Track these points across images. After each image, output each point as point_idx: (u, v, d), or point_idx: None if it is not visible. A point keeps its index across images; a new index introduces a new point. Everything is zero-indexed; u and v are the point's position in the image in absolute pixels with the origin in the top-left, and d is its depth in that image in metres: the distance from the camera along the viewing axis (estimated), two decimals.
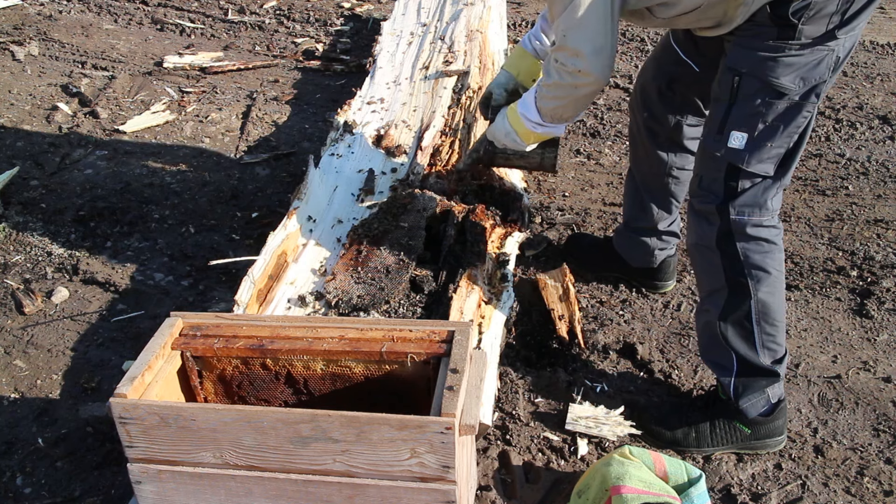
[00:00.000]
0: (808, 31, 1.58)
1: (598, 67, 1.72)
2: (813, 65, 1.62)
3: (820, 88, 1.65)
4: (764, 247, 1.77)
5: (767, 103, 1.66)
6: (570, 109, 1.90)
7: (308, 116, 3.59)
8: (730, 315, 1.81)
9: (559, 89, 1.83)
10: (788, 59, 1.61)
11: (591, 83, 1.76)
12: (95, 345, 2.25)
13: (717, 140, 1.72)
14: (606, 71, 1.74)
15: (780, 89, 1.64)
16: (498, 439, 1.94)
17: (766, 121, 1.67)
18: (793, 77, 1.63)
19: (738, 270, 1.78)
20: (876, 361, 2.22)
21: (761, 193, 1.74)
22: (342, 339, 1.56)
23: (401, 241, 2.19)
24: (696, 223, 1.84)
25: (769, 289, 1.78)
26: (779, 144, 1.70)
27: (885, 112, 3.61)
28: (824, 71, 1.63)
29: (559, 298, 2.31)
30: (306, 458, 1.41)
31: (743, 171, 1.71)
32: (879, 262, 2.60)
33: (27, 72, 3.90)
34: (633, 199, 2.35)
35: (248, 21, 4.64)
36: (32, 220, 2.78)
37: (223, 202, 2.92)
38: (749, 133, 1.68)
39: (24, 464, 1.89)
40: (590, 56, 1.70)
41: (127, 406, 1.40)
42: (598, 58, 1.70)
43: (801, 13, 1.56)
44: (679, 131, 2.14)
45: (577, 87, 1.79)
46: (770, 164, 1.71)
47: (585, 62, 1.71)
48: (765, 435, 1.89)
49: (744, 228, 1.75)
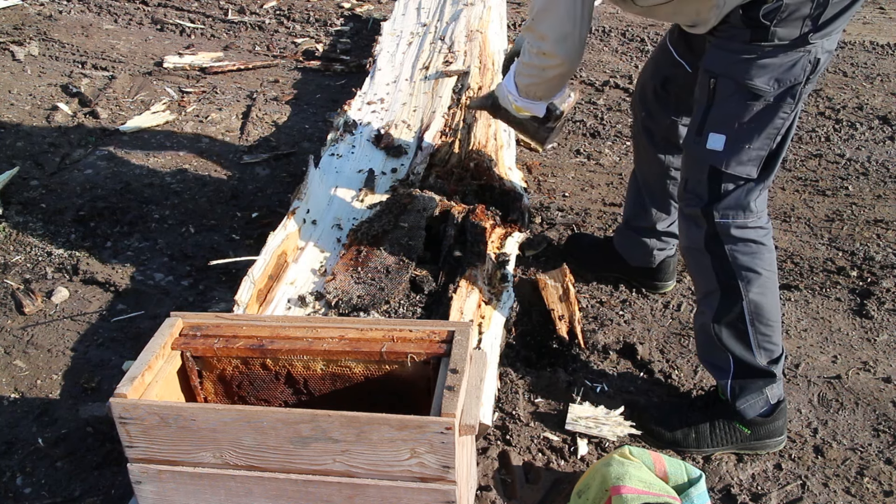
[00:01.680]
0: (781, 33, 1.57)
1: (563, 51, 1.73)
2: (787, 66, 1.61)
3: (796, 90, 1.64)
4: (751, 248, 1.77)
5: (743, 105, 1.65)
6: (541, 88, 1.92)
7: (308, 116, 3.59)
8: (723, 317, 1.82)
9: (529, 68, 1.87)
10: (762, 60, 1.61)
11: (558, 65, 1.78)
12: (95, 345, 2.25)
13: (696, 142, 1.73)
14: (574, 56, 1.75)
15: (756, 91, 1.63)
16: (498, 439, 1.94)
17: (743, 122, 1.67)
18: (767, 79, 1.62)
19: (728, 272, 1.78)
20: (876, 361, 2.22)
21: (744, 196, 1.74)
22: (342, 339, 1.56)
23: (401, 241, 2.19)
24: (686, 227, 1.84)
25: (760, 289, 1.78)
26: (759, 146, 1.69)
27: (885, 112, 3.61)
28: (800, 73, 1.62)
29: (559, 298, 2.31)
30: (306, 458, 1.41)
31: (725, 173, 1.71)
32: (879, 262, 2.60)
33: (27, 72, 3.90)
34: (634, 198, 2.35)
35: (248, 21, 4.64)
36: (32, 220, 2.78)
37: (223, 202, 2.92)
38: (727, 134, 1.68)
39: (24, 464, 1.89)
40: (554, 41, 1.71)
41: (127, 406, 1.40)
42: (564, 44, 1.72)
43: (773, 15, 1.55)
44: (674, 132, 2.14)
45: (544, 69, 1.82)
46: (752, 167, 1.71)
47: (550, 45, 1.73)
48: (765, 435, 1.89)
49: (728, 231, 1.75)
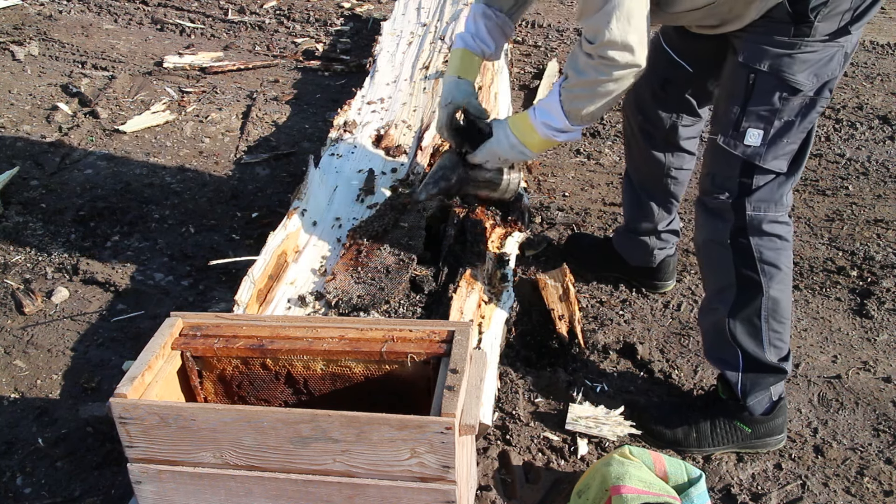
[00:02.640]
0: (823, 27, 1.60)
1: (643, 58, 1.67)
2: (826, 61, 1.63)
3: (832, 84, 1.67)
4: (777, 243, 1.78)
5: (784, 99, 1.66)
6: (605, 108, 1.81)
7: (308, 116, 3.59)
8: (739, 312, 1.81)
9: (596, 87, 1.73)
10: (804, 55, 1.62)
11: (636, 75, 1.71)
12: (95, 345, 2.25)
13: (733, 137, 1.72)
14: (645, 61, 1.70)
15: (796, 86, 1.64)
16: (498, 439, 1.94)
17: (783, 117, 1.68)
18: (807, 74, 1.64)
19: (750, 266, 1.78)
20: (876, 361, 2.22)
21: (777, 189, 1.75)
22: (342, 339, 1.56)
23: (401, 241, 2.19)
24: (709, 220, 1.84)
25: (781, 286, 1.79)
26: (793, 140, 1.71)
27: (885, 112, 3.61)
28: (836, 67, 1.65)
29: (559, 298, 2.31)
30: (306, 458, 1.41)
31: (758, 167, 1.72)
32: (879, 262, 2.60)
33: (27, 72, 3.90)
34: (631, 201, 2.34)
35: (248, 21, 4.64)
36: (32, 220, 2.78)
37: (223, 202, 2.92)
38: (765, 130, 1.69)
39: (24, 464, 1.89)
40: (637, 47, 1.64)
41: (127, 406, 1.40)
42: (643, 48, 1.66)
43: (819, 10, 1.57)
44: (675, 132, 2.14)
45: (618, 81, 1.71)
46: (784, 161, 1.73)
47: (631, 55, 1.65)
48: (765, 434, 1.89)
49: (760, 224, 1.76)
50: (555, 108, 1.86)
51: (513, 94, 3.47)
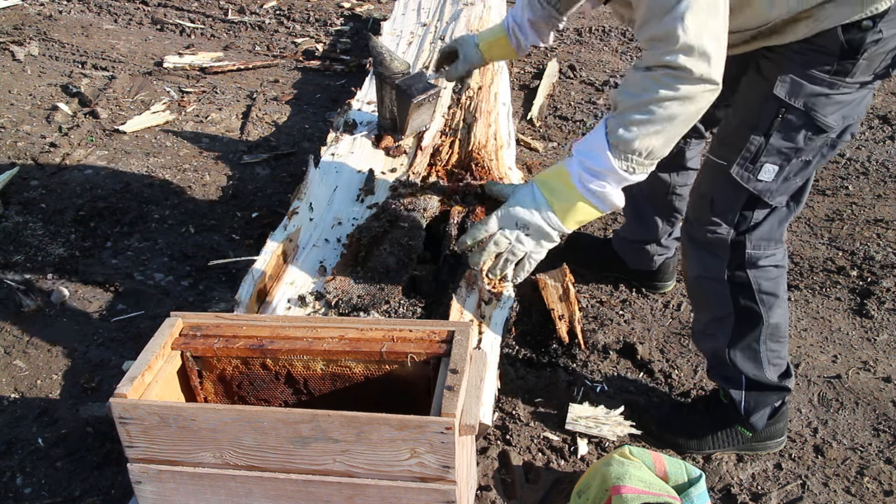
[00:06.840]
0: (863, 66, 1.49)
1: (719, 74, 1.40)
2: (857, 103, 1.56)
3: (854, 128, 1.60)
4: (774, 272, 1.74)
5: (809, 139, 1.56)
6: (665, 141, 1.48)
7: (308, 116, 3.59)
8: (739, 341, 1.78)
9: (655, 107, 1.41)
10: (840, 96, 1.52)
11: (709, 95, 1.42)
12: (95, 345, 2.25)
13: (748, 171, 1.62)
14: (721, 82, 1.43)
15: (824, 126, 1.55)
16: (498, 439, 1.94)
17: (801, 156, 1.59)
18: (837, 115, 1.55)
19: (749, 298, 1.73)
20: (876, 361, 2.22)
21: (777, 226, 1.69)
22: (342, 339, 1.56)
23: (401, 241, 2.19)
24: (702, 257, 1.76)
25: (779, 310, 1.77)
26: (801, 178, 1.64)
27: (885, 112, 3.61)
28: (863, 110, 1.59)
29: (559, 298, 2.31)
30: (306, 458, 1.41)
31: (762, 201, 1.65)
32: (879, 262, 2.60)
33: (27, 72, 3.90)
34: (633, 215, 2.33)
35: (248, 21, 4.64)
36: (32, 220, 2.78)
37: (223, 202, 2.92)
38: (781, 166, 1.60)
39: (24, 464, 1.89)
40: (714, 59, 1.37)
41: (127, 406, 1.40)
42: (720, 63, 1.39)
43: (869, 47, 1.45)
44: (682, 155, 2.12)
45: (684, 101, 1.40)
46: (786, 196, 1.66)
47: (706, 66, 1.36)
48: (766, 437, 1.89)
49: (757, 261, 1.71)
50: (598, 142, 1.50)
51: (513, 94, 3.47)
